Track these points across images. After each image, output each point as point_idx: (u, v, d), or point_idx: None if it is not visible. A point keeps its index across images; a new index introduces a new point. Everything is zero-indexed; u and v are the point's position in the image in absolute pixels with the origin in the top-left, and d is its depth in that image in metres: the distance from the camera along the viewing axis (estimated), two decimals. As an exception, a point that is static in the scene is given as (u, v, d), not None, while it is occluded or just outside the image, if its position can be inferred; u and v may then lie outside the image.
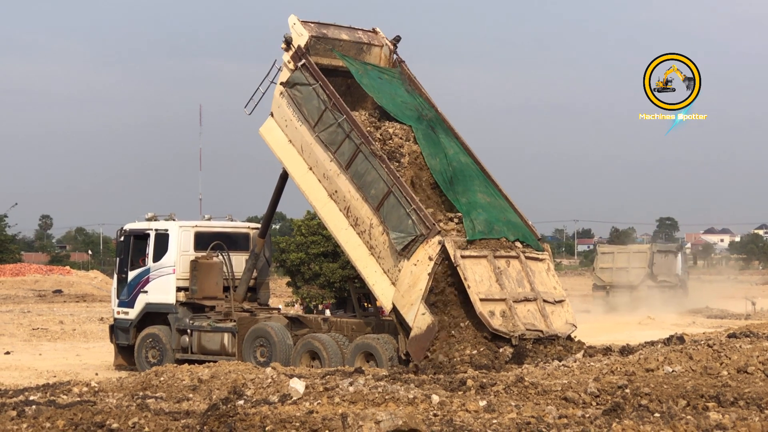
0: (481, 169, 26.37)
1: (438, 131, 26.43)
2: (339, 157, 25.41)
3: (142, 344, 29.13)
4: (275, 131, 26.69)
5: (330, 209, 25.77)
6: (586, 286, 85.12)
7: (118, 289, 30.10)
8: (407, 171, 25.49)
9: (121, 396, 18.75)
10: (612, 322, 45.16)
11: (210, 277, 29.08)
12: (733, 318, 48.39)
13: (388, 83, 27.10)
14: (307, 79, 25.96)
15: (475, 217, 24.93)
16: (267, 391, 17.88)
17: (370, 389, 16.59)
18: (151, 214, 30.23)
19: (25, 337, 39.47)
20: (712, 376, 18.10)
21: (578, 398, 16.58)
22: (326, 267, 41.57)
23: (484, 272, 24.04)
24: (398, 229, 24.28)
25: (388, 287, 24.63)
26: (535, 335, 23.76)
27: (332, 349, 25.72)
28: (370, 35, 27.87)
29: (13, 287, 72.01)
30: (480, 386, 17.54)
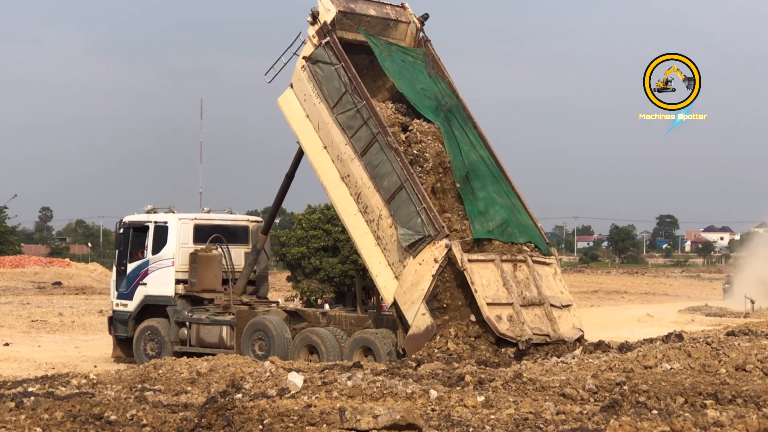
0: (497, 164, 26.23)
1: (455, 122, 26.13)
2: (355, 142, 25.23)
3: (140, 336, 29.13)
4: (293, 103, 26.44)
5: (341, 192, 25.62)
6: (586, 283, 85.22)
7: (117, 281, 30.10)
8: (429, 177, 25.20)
9: (120, 388, 18.74)
10: (611, 319, 45.16)
11: (209, 270, 29.08)
12: (731, 316, 48.37)
13: (411, 66, 26.80)
14: (330, 58, 25.69)
15: (492, 217, 24.85)
16: (265, 385, 17.86)
17: (369, 384, 16.58)
18: (150, 207, 30.22)
19: (24, 329, 39.48)
20: (711, 373, 18.10)
21: (576, 394, 16.59)
22: (326, 261, 41.53)
23: (491, 276, 23.97)
24: (407, 226, 24.19)
25: (391, 280, 24.59)
26: (542, 340, 23.73)
27: (330, 343, 25.72)
28: (398, 11, 27.54)
29: (12, 279, 72.02)
30: (478, 382, 17.54)
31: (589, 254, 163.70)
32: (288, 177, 28.43)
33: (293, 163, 28.07)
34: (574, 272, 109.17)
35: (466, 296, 23.80)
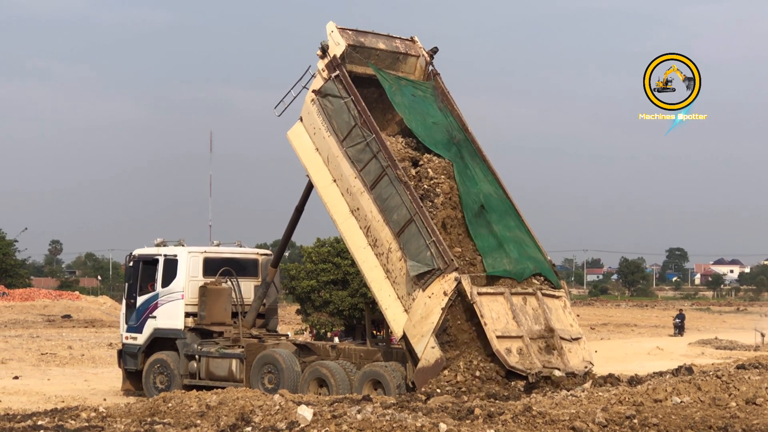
0: (507, 198, 26.23)
1: (466, 156, 26.20)
2: (364, 176, 25.26)
3: (150, 370, 29.13)
4: (303, 137, 26.51)
5: (350, 225, 25.65)
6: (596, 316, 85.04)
7: (127, 314, 30.12)
8: (440, 212, 25.19)
9: (129, 422, 18.76)
10: (621, 352, 45.08)
11: (218, 303, 29.09)
12: (742, 349, 48.26)
13: (421, 101, 26.86)
14: (339, 91, 25.76)
15: (506, 254, 24.85)
16: (275, 418, 17.86)
17: (378, 417, 16.56)
18: (160, 240, 30.27)
19: (34, 362, 39.50)
20: (721, 407, 18.05)
21: (586, 428, 16.56)
22: (336, 295, 41.51)
23: (500, 309, 23.96)
24: (416, 259, 24.18)
25: (400, 314, 24.57)
26: (552, 373, 23.67)
27: (340, 376, 25.69)
28: (408, 44, 27.64)
29: (22, 312, 72.03)
30: (488, 415, 17.51)
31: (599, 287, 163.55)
32: (297, 210, 28.49)
33: (303, 196, 28.13)
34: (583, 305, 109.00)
35: (475, 329, 23.78)
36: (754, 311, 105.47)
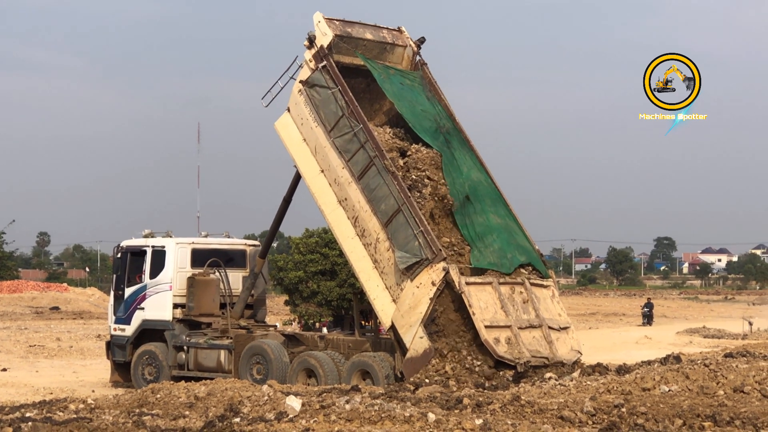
0: (494, 187, 26.20)
1: (454, 145, 26.16)
2: (352, 166, 25.23)
3: (138, 361, 29.11)
4: (290, 127, 26.46)
5: (338, 215, 25.62)
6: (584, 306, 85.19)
7: (115, 305, 30.07)
8: (428, 203, 25.20)
9: (118, 413, 18.72)
10: (610, 341, 45.16)
11: (207, 294, 29.05)
12: (730, 338, 48.39)
13: (409, 89, 26.84)
14: (326, 82, 25.72)
15: (489, 244, 24.84)
16: (263, 409, 17.85)
17: (367, 407, 16.57)
18: (148, 231, 30.22)
19: (22, 354, 39.43)
20: (709, 395, 18.09)
21: (574, 417, 16.58)
22: (324, 285, 41.49)
23: (489, 299, 23.97)
24: (404, 249, 24.17)
25: (388, 304, 24.57)
26: (541, 362, 23.70)
27: (328, 366, 25.69)
28: (395, 34, 27.60)
29: (10, 304, 71.90)
30: (476, 404, 17.53)
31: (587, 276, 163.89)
32: (285, 201, 28.46)
33: (290, 187, 28.10)
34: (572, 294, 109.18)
35: (463, 319, 23.78)
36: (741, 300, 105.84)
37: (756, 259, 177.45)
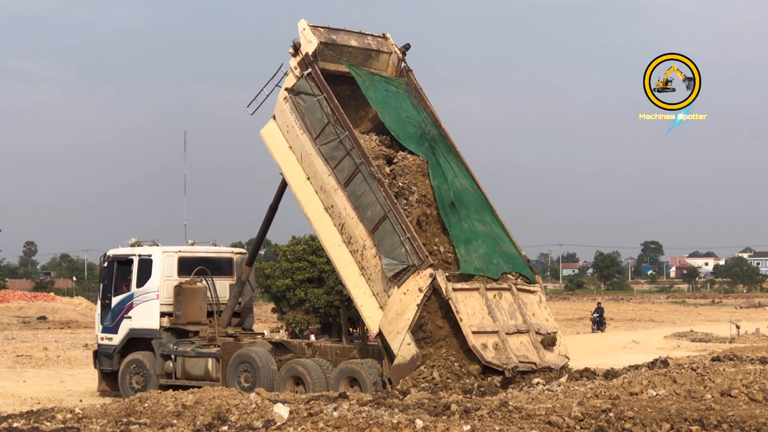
0: (480, 193, 26.19)
1: (439, 151, 26.15)
2: (338, 173, 25.19)
3: (126, 370, 29.07)
4: (276, 135, 26.42)
5: (324, 223, 25.60)
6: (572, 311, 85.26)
7: (102, 314, 30.03)
8: (415, 210, 25.16)
9: (105, 422, 18.69)
10: (597, 346, 45.20)
11: (194, 303, 29.04)
12: (717, 342, 48.46)
13: (394, 96, 26.82)
14: (312, 89, 25.71)
15: (475, 249, 24.82)
16: (251, 417, 17.83)
17: (355, 414, 16.55)
18: (134, 240, 30.20)
19: (9, 364, 39.34)
20: (696, 399, 18.10)
21: (562, 422, 16.59)
22: (311, 293, 41.47)
23: (476, 305, 23.96)
24: (391, 256, 24.17)
25: (375, 310, 24.56)
26: (529, 367, 23.70)
27: (316, 374, 25.68)
28: (380, 41, 27.60)
29: (-3, 314, 71.78)
30: (464, 411, 17.52)
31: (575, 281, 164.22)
32: (271, 209, 28.45)
33: (277, 194, 28.09)
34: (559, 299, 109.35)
35: (451, 325, 23.78)
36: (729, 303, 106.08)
37: (743, 263, 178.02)
